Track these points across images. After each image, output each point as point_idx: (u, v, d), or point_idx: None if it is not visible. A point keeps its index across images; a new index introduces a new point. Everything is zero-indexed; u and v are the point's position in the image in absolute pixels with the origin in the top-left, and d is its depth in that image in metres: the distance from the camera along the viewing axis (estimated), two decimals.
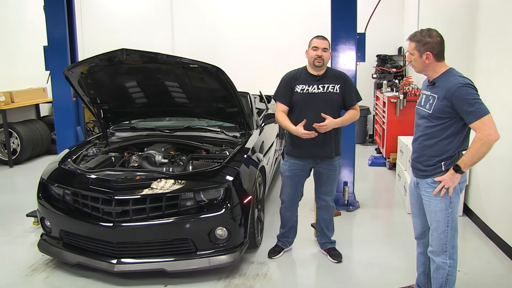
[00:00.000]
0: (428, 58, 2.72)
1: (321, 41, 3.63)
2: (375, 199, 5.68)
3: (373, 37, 7.38)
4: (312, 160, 3.73)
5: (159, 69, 4.08)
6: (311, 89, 3.63)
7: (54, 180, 3.86)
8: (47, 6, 5.27)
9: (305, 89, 3.64)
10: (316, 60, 3.58)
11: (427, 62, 2.73)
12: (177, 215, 3.46)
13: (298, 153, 3.73)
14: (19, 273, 3.80)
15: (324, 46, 3.60)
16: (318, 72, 3.65)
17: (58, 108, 5.49)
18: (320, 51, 3.57)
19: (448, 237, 2.78)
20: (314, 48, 3.59)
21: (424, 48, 2.71)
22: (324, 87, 3.62)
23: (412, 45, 2.77)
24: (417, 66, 2.80)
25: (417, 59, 2.76)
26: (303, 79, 3.68)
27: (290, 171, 3.80)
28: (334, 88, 3.62)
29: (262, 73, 9.40)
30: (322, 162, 3.73)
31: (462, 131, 2.72)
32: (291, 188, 3.84)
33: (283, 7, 9.39)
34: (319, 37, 3.67)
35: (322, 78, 3.65)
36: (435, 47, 2.71)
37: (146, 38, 9.60)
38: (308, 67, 3.70)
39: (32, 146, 7.92)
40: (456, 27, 5.36)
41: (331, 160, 3.72)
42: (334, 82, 3.64)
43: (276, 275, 3.73)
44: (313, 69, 3.66)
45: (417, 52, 2.75)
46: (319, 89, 3.62)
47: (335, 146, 3.69)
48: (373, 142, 8.97)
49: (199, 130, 4.75)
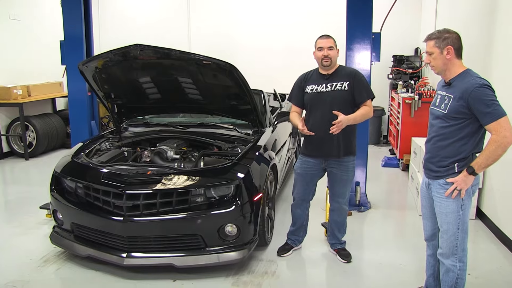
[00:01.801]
0: (449, 53, 2.67)
1: (325, 40, 3.62)
2: (387, 200, 5.64)
3: (390, 37, 7.35)
4: (322, 159, 3.72)
5: (173, 65, 4.10)
6: (319, 88, 3.64)
7: (66, 173, 3.90)
8: (64, 1, 5.34)
9: (314, 88, 3.66)
10: (324, 60, 3.58)
11: (448, 58, 2.68)
12: (187, 211, 3.47)
13: (309, 152, 3.75)
14: (31, 264, 3.86)
15: (329, 45, 3.59)
16: (328, 71, 3.65)
17: (73, 102, 5.55)
18: (326, 51, 3.57)
19: (459, 240, 2.75)
20: (320, 49, 3.59)
21: (445, 43, 2.68)
22: (332, 85, 3.61)
23: (431, 43, 2.74)
24: (437, 65, 2.74)
25: (437, 56, 2.72)
26: (314, 79, 3.70)
27: (301, 169, 3.81)
28: (342, 86, 3.60)
29: (276, 72, 9.40)
30: (333, 162, 3.70)
31: (477, 133, 2.68)
32: (301, 185, 3.84)
33: (298, 7, 9.34)
34: (323, 36, 3.66)
35: (332, 76, 3.64)
36: (455, 41, 2.69)
37: (162, 37, 9.62)
38: (319, 68, 3.72)
39: (48, 139, 8.03)
40: (474, 27, 5.28)
41: (341, 160, 3.68)
42: (342, 80, 3.62)
43: (285, 273, 3.73)
44: (322, 69, 3.66)
45: (437, 49, 2.71)
46: (327, 88, 3.62)
47: (344, 145, 3.63)
48: (387, 143, 8.89)
49: (211, 126, 4.75)
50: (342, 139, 3.60)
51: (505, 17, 4.39)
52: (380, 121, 8.96)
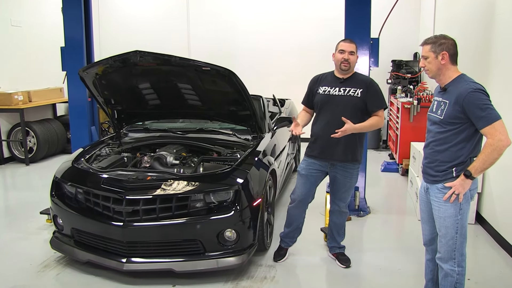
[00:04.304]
0: (444, 58, 2.72)
1: (349, 44, 3.61)
2: (386, 205, 5.65)
3: (388, 42, 7.37)
4: (328, 163, 3.71)
5: (172, 71, 4.12)
6: (332, 91, 3.63)
7: (67, 178, 3.92)
8: (65, 8, 5.37)
9: (326, 90, 3.65)
10: (343, 63, 3.57)
11: (442, 63, 2.73)
12: (187, 216, 3.49)
13: (316, 154, 3.72)
14: (31, 269, 3.87)
15: (351, 50, 3.58)
16: (343, 76, 3.65)
17: (73, 108, 5.57)
18: (347, 54, 3.56)
19: (457, 244, 2.76)
20: (341, 51, 3.58)
21: (440, 48, 2.72)
22: (346, 90, 3.60)
23: (427, 47, 2.78)
24: (431, 69, 2.78)
25: (432, 60, 2.76)
26: (328, 81, 3.69)
27: (306, 170, 3.78)
28: (355, 92, 3.58)
29: (276, 78, 9.45)
30: (338, 167, 3.70)
31: (473, 137, 2.70)
32: (304, 187, 3.81)
33: (298, 12, 9.39)
34: (347, 40, 3.68)
35: (346, 81, 3.63)
36: (451, 47, 2.73)
37: (162, 42, 9.68)
38: (335, 71, 3.71)
39: (48, 145, 8.06)
40: (472, 32, 5.31)
41: (346, 166, 3.68)
42: (356, 86, 3.60)
43: (284, 278, 3.73)
44: (339, 72, 3.66)
45: (432, 53, 2.75)
46: (340, 92, 3.60)
47: (351, 151, 3.63)
48: (387, 148, 8.91)
49: (211, 132, 4.77)
50: (349, 144, 3.60)
51: (502, 22, 4.42)
52: None
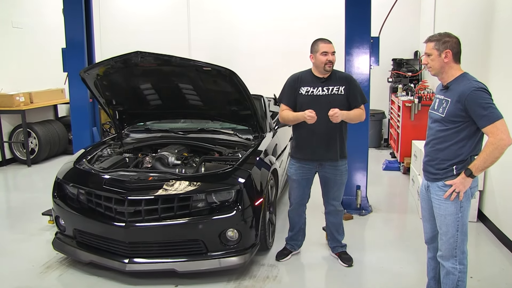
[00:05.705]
0: (447, 56, 2.71)
1: (329, 44, 3.60)
2: (388, 204, 5.65)
3: (389, 41, 7.37)
4: (317, 163, 3.72)
5: (173, 72, 4.13)
6: (316, 91, 3.62)
7: (69, 179, 3.92)
8: (66, 9, 5.37)
9: (310, 91, 3.63)
10: (327, 65, 3.56)
11: (445, 61, 2.72)
12: (189, 216, 3.49)
13: (304, 156, 3.72)
14: (33, 270, 3.88)
15: (333, 50, 3.59)
16: (324, 75, 3.65)
17: (75, 109, 5.58)
18: (330, 56, 3.56)
19: (458, 242, 2.77)
20: (324, 53, 3.55)
21: (444, 46, 2.72)
22: (329, 89, 3.61)
23: (430, 44, 2.78)
24: (434, 67, 2.78)
25: (435, 58, 2.75)
26: (308, 81, 3.67)
27: (297, 175, 3.78)
28: (338, 90, 3.60)
29: (277, 77, 9.38)
30: (328, 166, 3.71)
31: (475, 136, 2.71)
32: (299, 191, 3.83)
33: (297, 11, 9.38)
34: (326, 41, 3.62)
35: (327, 80, 3.64)
36: (454, 46, 2.73)
37: (162, 41, 9.69)
38: (313, 70, 3.69)
39: (50, 146, 8.07)
40: (472, 30, 5.31)
41: (336, 164, 3.70)
42: (338, 84, 3.62)
43: (286, 277, 3.74)
44: (320, 72, 3.64)
45: (436, 51, 2.74)
46: (323, 91, 3.61)
47: (340, 148, 3.66)
48: (388, 146, 8.90)
49: (212, 132, 4.78)
50: (335, 142, 3.62)
51: (503, 20, 4.42)
52: (380, 125, 8.97)
